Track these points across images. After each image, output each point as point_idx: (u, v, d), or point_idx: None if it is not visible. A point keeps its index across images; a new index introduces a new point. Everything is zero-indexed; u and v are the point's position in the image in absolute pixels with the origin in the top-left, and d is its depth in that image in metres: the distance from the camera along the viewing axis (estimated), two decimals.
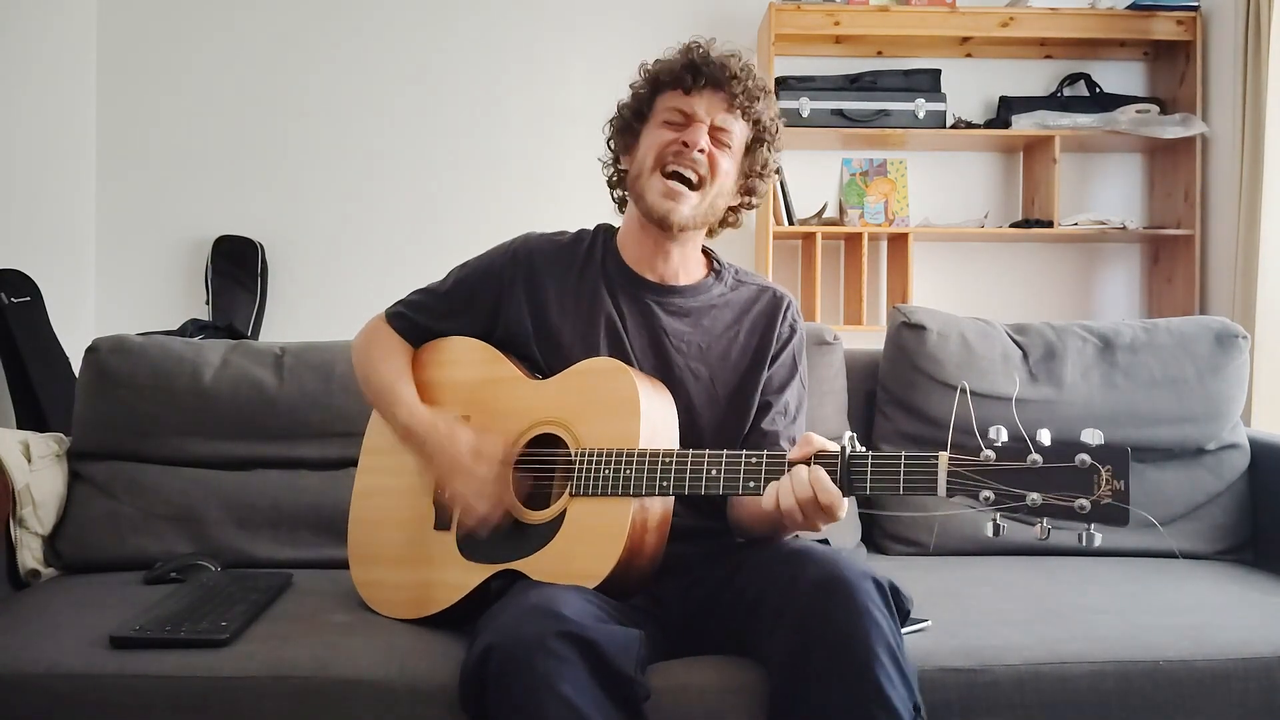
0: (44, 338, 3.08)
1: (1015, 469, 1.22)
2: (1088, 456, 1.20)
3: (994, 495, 1.23)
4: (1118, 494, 1.18)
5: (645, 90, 1.63)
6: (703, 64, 1.57)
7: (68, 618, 1.61)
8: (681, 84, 1.58)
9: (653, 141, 1.59)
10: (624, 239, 1.66)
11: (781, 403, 1.63)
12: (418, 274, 1.88)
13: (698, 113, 1.57)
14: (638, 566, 1.44)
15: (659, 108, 1.60)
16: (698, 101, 1.57)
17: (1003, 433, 1.24)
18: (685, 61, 1.58)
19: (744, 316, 1.65)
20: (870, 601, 1.29)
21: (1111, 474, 1.19)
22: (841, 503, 1.32)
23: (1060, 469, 1.20)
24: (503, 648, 1.25)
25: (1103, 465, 1.19)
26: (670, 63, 1.60)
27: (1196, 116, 3.62)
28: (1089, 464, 1.19)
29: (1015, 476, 1.22)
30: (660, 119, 1.60)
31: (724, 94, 1.57)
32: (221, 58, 3.78)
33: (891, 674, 1.26)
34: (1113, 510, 1.18)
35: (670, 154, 1.57)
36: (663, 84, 1.60)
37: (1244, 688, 1.49)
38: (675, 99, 1.59)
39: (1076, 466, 1.20)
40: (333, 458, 2.01)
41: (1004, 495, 1.22)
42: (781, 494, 1.33)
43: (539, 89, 3.83)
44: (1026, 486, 1.21)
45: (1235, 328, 2.20)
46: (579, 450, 1.47)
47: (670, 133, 1.58)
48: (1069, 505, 1.20)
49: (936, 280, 3.83)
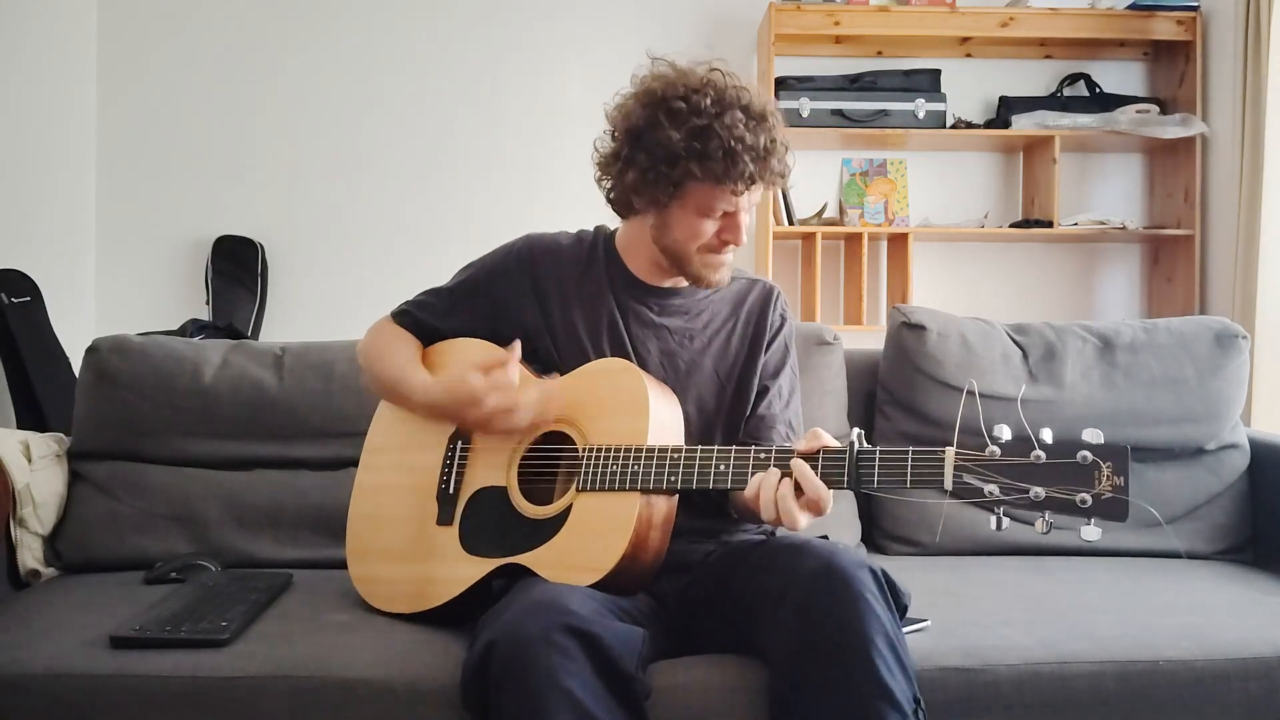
0: (44, 338, 3.08)
1: (1019, 464, 1.25)
2: (1089, 453, 1.23)
3: (998, 489, 1.25)
4: (1117, 489, 1.22)
5: (677, 171, 1.47)
6: (754, 164, 1.46)
7: (68, 618, 1.61)
8: (726, 183, 1.47)
9: (691, 229, 1.52)
10: (625, 248, 1.66)
11: (776, 386, 1.67)
12: (418, 274, 1.89)
13: (741, 208, 1.52)
14: (641, 563, 1.44)
15: (693, 192, 1.49)
16: (743, 200, 1.50)
17: (1006, 431, 1.27)
18: (731, 159, 1.44)
19: (739, 307, 1.68)
20: (867, 590, 1.30)
21: (1112, 470, 1.22)
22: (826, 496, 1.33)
23: (1062, 464, 1.24)
24: (506, 643, 1.26)
25: (1104, 461, 1.22)
26: (710, 154, 1.44)
27: (1196, 116, 3.62)
28: (1090, 460, 1.23)
29: (1019, 471, 1.25)
30: (696, 205, 1.50)
31: (763, 182, 1.50)
32: (221, 58, 3.78)
33: (890, 662, 1.26)
34: (1113, 504, 1.22)
35: (713, 245, 1.54)
36: (704, 176, 1.46)
37: (1244, 688, 1.49)
38: (719, 197, 1.49)
39: (1078, 463, 1.23)
40: (333, 458, 2.02)
41: (1008, 489, 1.25)
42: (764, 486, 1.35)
43: (539, 89, 3.83)
44: (1030, 481, 1.24)
45: (1235, 328, 2.20)
46: (587, 447, 1.48)
47: (709, 224, 1.51)
48: (1070, 499, 1.23)
49: (936, 280, 3.83)
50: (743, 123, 1.45)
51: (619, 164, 1.54)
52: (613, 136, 1.56)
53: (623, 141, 1.53)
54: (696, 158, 1.45)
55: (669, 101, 1.47)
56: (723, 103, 1.46)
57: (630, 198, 1.55)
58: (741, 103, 1.47)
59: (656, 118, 1.48)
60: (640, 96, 1.52)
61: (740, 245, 1.56)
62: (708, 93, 1.47)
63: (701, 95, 1.46)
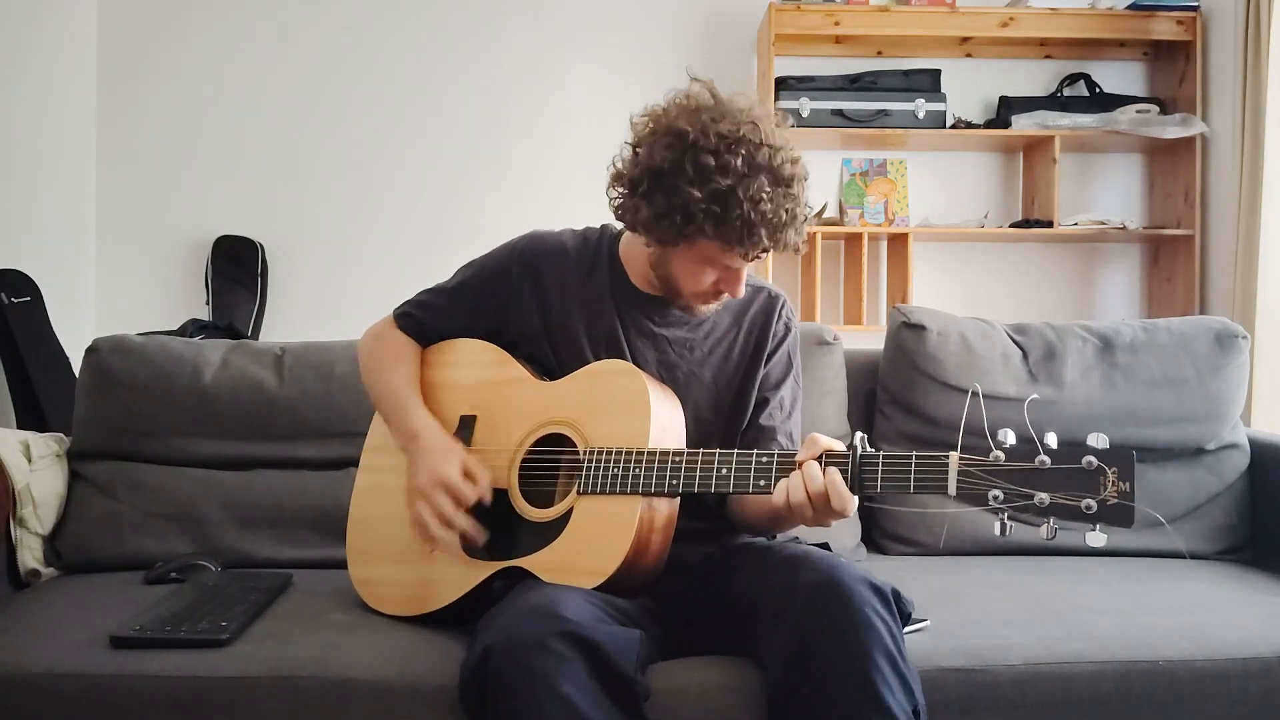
0: (44, 338, 3.08)
1: (1024, 469, 1.24)
2: (1094, 458, 1.22)
3: (1003, 495, 1.24)
4: (1123, 495, 1.20)
5: (691, 227, 1.43)
6: (769, 238, 1.42)
7: (68, 618, 1.61)
8: (737, 247, 1.43)
9: (690, 275, 1.50)
10: (628, 256, 1.63)
11: (778, 398, 1.64)
12: (418, 274, 1.89)
13: (743, 267, 1.50)
14: (642, 566, 1.44)
15: (701, 246, 1.45)
16: (746, 261, 1.48)
17: (1010, 435, 1.26)
18: (748, 229, 1.40)
19: (742, 317, 1.66)
20: (869, 606, 1.28)
21: (1117, 475, 1.21)
22: (852, 501, 1.32)
23: (1067, 470, 1.22)
24: (502, 648, 1.25)
25: (1109, 467, 1.21)
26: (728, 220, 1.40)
27: (1196, 116, 3.62)
28: (1096, 465, 1.22)
29: (1024, 477, 1.24)
30: (701, 256, 1.47)
31: (775, 251, 1.47)
32: (221, 58, 3.78)
33: (890, 679, 1.25)
34: (1119, 510, 1.20)
35: (708, 293, 1.53)
36: (715, 237, 1.43)
37: (1244, 688, 1.49)
38: (727, 256, 1.45)
39: (1084, 468, 1.22)
40: (333, 458, 2.01)
41: (1013, 495, 1.24)
42: (792, 490, 1.34)
43: (539, 88, 3.83)
44: (1035, 486, 1.23)
45: (1235, 328, 2.19)
46: (588, 449, 1.48)
47: (710, 273, 1.49)
48: (1076, 505, 1.22)
49: (936, 280, 3.83)
50: (767, 193, 1.39)
51: (635, 194, 1.47)
52: (634, 160, 1.48)
53: (643, 174, 1.45)
54: (713, 220, 1.40)
55: (698, 153, 1.40)
56: (752, 165, 1.39)
57: (638, 228, 1.50)
58: (772, 165, 1.41)
59: (681, 165, 1.40)
60: (669, 134, 1.43)
61: (737, 298, 1.55)
62: (739, 151, 1.39)
63: (733, 154, 1.39)
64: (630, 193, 1.48)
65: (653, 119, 1.47)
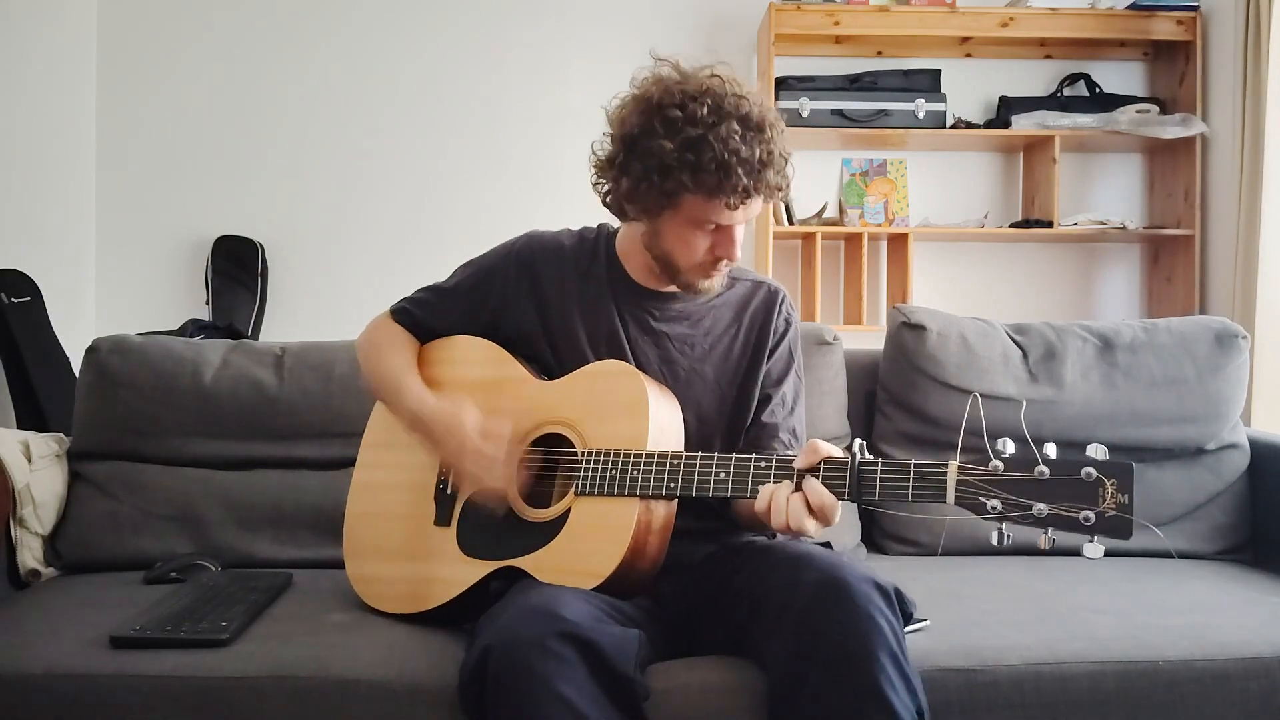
0: (44, 338, 3.08)
1: (1022, 480, 1.24)
2: (1093, 470, 1.21)
3: (1001, 505, 1.24)
4: (1122, 507, 1.20)
5: (670, 183, 1.43)
6: (748, 178, 1.41)
7: (68, 618, 1.61)
8: (719, 196, 1.42)
9: (683, 241, 1.49)
10: (625, 251, 1.63)
11: (780, 394, 1.64)
12: (418, 273, 1.88)
13: (735, 222, 1.47)
14: (640, 568, 1.44)
15: (686, 203, 1.45)
16: (737, 214, 1.45)
17: (1010, 445, 1.26)
18: (725, 171, 1.40)
19: (742, 313, 1.65)
20: (872, 605, 1.28)
21: (1116, 487, 1.21)
22: (836, 507, 1.32)
23: (1066, 481, 1.22)
24: (501, 648, 1.25)
25: (1108, 479, 1.21)
26: (703, 166, 1.40)
27: (1196, 116, 3.62)
28: (1094, 477, 1.21)
29: (1022, 487, 1.24)
30: (691, 218, 1.46)
31: (758, 195, 1.45)
32: (221, 58, 3.78)
33: (894, 678, 1.25)
34: (1117, 522, 1.20)
35: (705, 261, 1.51)
36: (696, 189, 1.42)
37: (1244, 688, 1.49)
38: (713, 210, 1.44)
39: (1082, 479, 1.22)
40: (333, 458, 2.01)
41: (1011, 505, 1.24)
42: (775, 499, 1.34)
43: (539, 88, 3.83)
44: (1033, 497, 1.23)
45: (1235, 328, 2.19)
46: (586, 450, 1.48)
47: (702, 236, 1.48)
48: (1074, 517, 1.22)
49: (936, 280, 3.83)
50: (739, 134, 1.40)
51: (614, 170, 1.50)
52: (610, 140, 1.52)
53: (618, 147, 1.49)
54: (689, 169, 1.40)
55: (665, 109, 1.43)
56: (720, 112, 1.41)
57: (624, 204, 1.52)
58: (740, 113, 1.42)
59: (651, 125, 1.43)
60: (637, 102, 1.47)
61: (734, 261, 1.52)
62: (705, 101, 1.41)
63: (698, 104, 1.41)
64: (610, 169, 1.51)
65: (620, 101, 1.51)
